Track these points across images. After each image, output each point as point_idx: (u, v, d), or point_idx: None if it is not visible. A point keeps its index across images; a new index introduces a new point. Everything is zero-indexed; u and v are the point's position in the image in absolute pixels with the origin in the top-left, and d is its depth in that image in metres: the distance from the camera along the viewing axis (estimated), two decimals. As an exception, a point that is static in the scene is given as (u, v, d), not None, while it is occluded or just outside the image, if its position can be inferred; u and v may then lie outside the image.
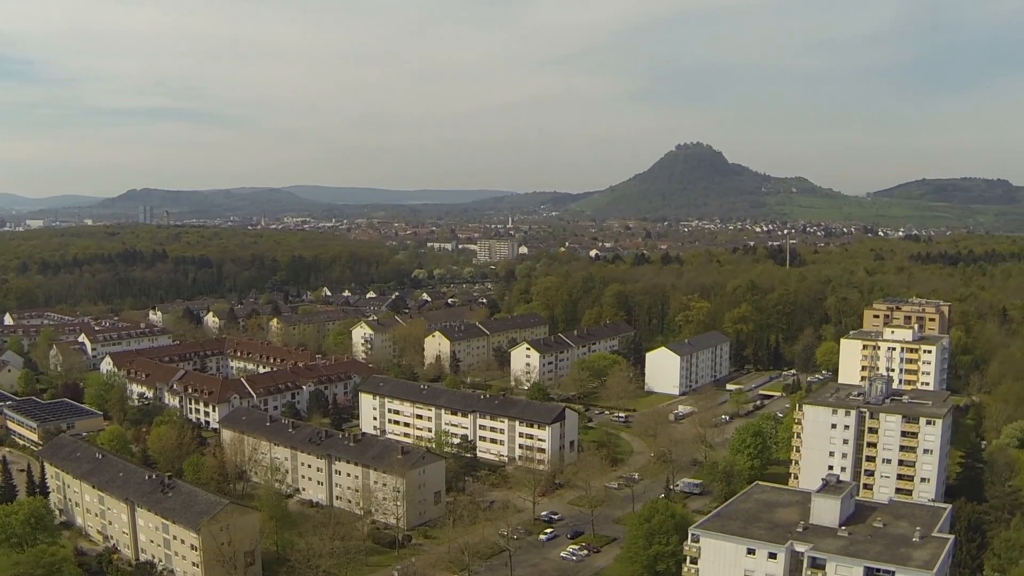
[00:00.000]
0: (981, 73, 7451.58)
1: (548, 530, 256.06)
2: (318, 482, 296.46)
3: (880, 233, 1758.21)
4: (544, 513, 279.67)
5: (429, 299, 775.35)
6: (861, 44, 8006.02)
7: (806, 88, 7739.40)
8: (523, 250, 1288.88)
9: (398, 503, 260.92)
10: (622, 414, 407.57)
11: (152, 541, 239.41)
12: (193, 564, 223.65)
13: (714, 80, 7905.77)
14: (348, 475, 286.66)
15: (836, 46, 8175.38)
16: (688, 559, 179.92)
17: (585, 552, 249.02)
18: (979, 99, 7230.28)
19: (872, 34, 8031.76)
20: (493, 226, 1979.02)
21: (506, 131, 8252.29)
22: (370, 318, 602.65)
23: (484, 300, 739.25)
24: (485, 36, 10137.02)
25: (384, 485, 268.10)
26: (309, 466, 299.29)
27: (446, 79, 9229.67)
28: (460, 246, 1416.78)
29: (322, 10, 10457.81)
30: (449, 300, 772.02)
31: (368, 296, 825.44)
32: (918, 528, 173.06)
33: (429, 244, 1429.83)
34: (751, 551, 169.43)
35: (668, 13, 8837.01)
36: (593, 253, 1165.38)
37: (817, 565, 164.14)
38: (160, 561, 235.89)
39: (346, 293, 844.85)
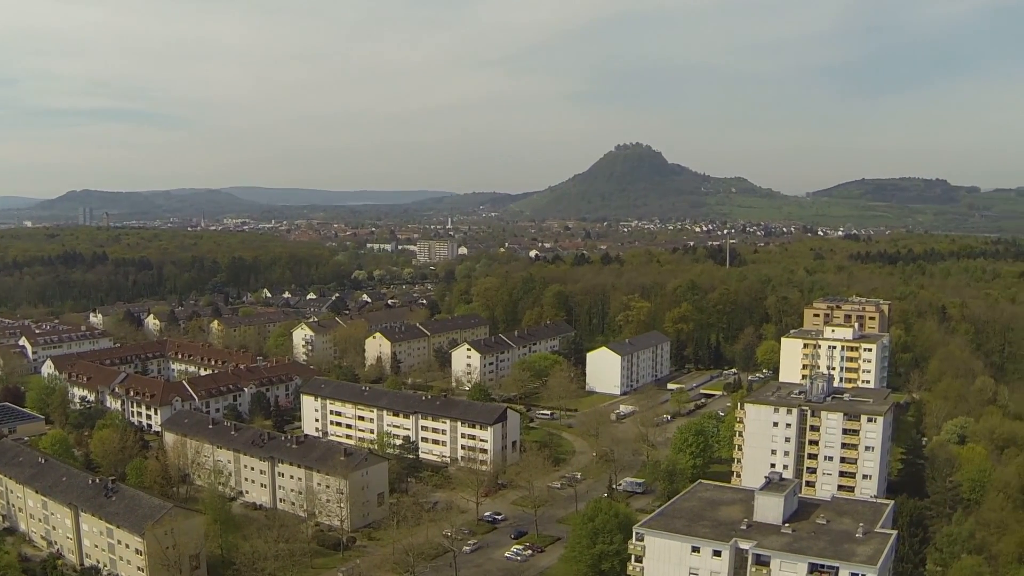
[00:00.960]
0: (920, 75, 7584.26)
1: (472, 541, 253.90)
2: (261, 484, 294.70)
3: (820, 232, 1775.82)
4: (487, 513, 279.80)
5: (369, 300, 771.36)
6: (801, 46, 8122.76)
7: (746, 89, 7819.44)
8: (463, 251, 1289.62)
9: (341, 505, 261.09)
10: (546, 411, 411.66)
11: (96, 546, 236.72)
12: (138, 568, 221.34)
13: (654, 81, 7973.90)
14: (291, 477, 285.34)
15: (776, 47, 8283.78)
16: (633, 557, 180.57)
17: (529, 552, 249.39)
18: (918, 100, 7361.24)
19: (812, 36, 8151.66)
20: (432, 227, 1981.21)
21: (446, 131, 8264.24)
22: (311, 319, 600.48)
23: (424, 301, 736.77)
24: (427, 36, 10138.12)
25: (327, 487, 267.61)
26: (252, 469, 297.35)
27: (387, 79, 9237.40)
28: (400, 247, 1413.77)
29: (266, 10, 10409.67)
30: (389, 301, 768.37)
31: (308, 297, 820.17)
32: (861, 524, 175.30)
33: (369, 245, 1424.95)
34: (696, 549, 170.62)
35: (609, 14, 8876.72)
36: (533, 253, 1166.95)
37: (762, 562, 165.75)
38: (105, 566, 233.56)
39: (286, 295, 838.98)
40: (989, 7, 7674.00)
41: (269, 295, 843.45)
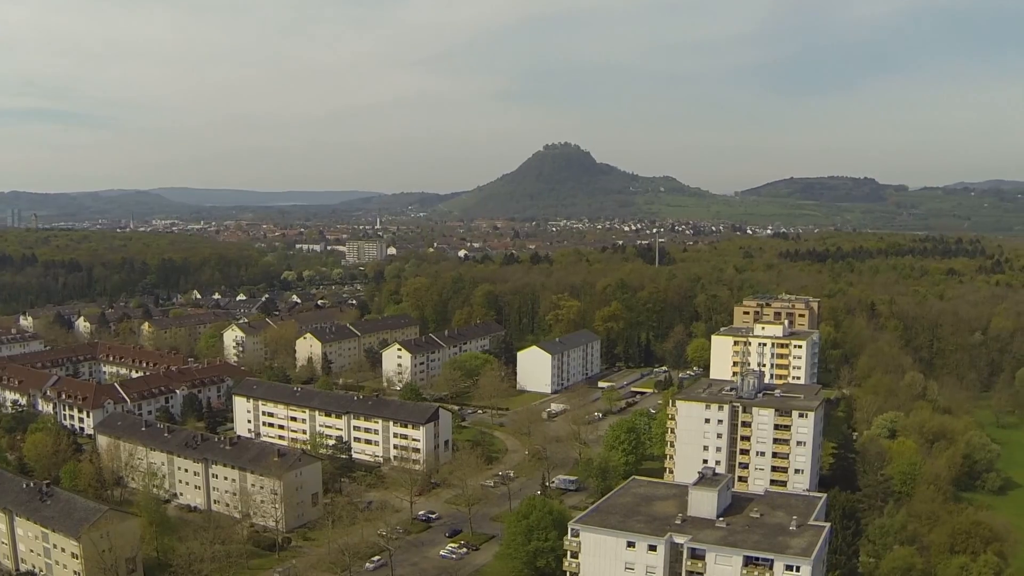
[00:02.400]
0: (848, 75, 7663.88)
1: (376, 557, 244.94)
2: (195, 486, 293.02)
3: (749, 231, 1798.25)
4: (422, 512, 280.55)
5: (299, 301, 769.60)
6: (730, 45, 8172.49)
7: (675, 88, 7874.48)
8: (391, 251, 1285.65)
9: (276, 505, 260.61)
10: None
11: (32, 550, 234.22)
12: (75, 572, 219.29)
13: (583, 80, 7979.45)
14: (225, 479, 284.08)
15: (705, 47, 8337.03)
16: (569, 554, 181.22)
17: (464, 550, 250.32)
18: (846, 100, 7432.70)
19: (741, 36, 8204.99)
20: (361, 227, 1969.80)
21: (375, 131, 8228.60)
22: (241, 321, 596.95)
23: (354, 301, 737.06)
24: (356, 36, 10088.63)
25: (261, 488, 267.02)
26: (186, 471, 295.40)
27: (316, 79, 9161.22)
28: (329, 247, 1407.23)
29: (195, 9, 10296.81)
30: (319, 302, 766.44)
31: (238, 298, 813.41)
32: (794, 517, 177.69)
33: (298, 246, 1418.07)
34: (631, 544, 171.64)
35: (539, 13, 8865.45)
36: (462, 253, 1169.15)
37: (697, 556, 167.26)
38: (41, 570, 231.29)
39: (216, 296, 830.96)
40: (915, 8, 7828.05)
41: (199, 296, 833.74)
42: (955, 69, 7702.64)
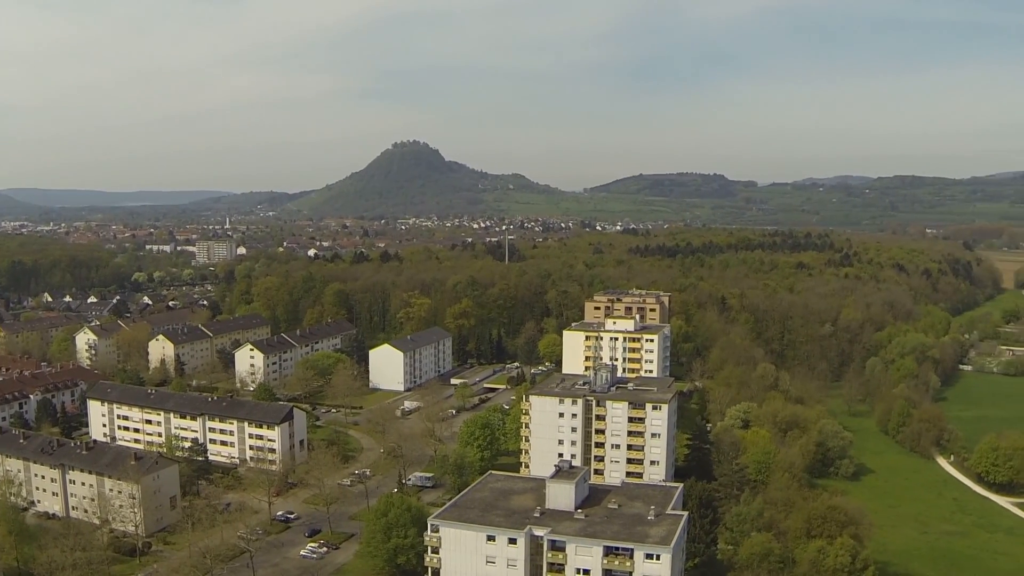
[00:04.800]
0: (699, 74, 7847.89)
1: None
2: (53, 493, 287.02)
3: (598, 227, 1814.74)
4: (280, 513, 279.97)
5: (150, 302, 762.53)
6: (581, 44, 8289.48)
7: (525, 87, 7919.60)
8: (241, 251, 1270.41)
9: (135, 510, 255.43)
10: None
11: None
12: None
13: (432, 78, 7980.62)
14: (83, 484, 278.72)
15: (556, 46, 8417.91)
16: (429, 549, 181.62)
17: (324, 549, 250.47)
18: (697, 98, 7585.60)
19: (591, 35, 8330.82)
20: (211, 227, 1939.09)
21: (224, 131, 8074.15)
22: (93, 323, 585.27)
23: (205, 302, 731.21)
24: (207, 34, 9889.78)
25: (120, 492, 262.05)
26: (43, 477, 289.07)
27: (164, 78, 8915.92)
28: (179, 248, 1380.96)
29: (44, 6, 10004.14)
30: (170, 303, 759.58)
31: (90, 301, 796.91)
32: (652, 507, 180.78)
33: (148, 246, 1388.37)
34: (491, 538, 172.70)
35: (389, 13, 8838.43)
36: (312, 252, 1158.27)
37: (557, 547, 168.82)
38: None
39: (68, 298, 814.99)
40: (764, 9, 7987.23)
41: (50, 299, 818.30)
42: (803, 68, 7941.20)
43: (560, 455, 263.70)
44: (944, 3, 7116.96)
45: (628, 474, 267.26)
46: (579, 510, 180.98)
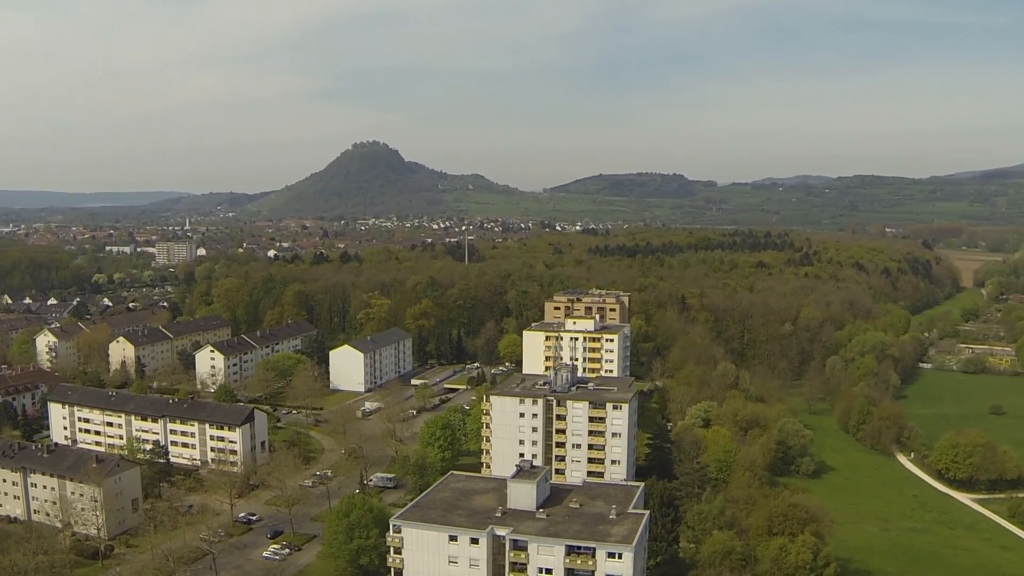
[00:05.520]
0: (657, 74, 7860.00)
1: None
2: (15, 496, 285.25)
3: (558, 227, 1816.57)
4: (242, 515, 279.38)
5: (111, 304, 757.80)
6: (541, 44, 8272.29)
7: (485, 87, 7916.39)
8: (201, 252, 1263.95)
9: (97, 513, 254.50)
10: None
11: None
12: None
13: (393, 79, 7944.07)
14: (45, 487, 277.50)
15: (516, 46, 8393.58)
16: (392, 550, 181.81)
17: (287, 551, 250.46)
18: (657, 98, 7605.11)
19: (552, 35, 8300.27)
20: (171, 228, 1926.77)
21: (185, 131, 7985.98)
22: (53, 325, 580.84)
23: (165, 304, 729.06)
24: (168, 35, 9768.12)
25: (81, 495, 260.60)
26: (4, 480, 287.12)
27: (125, 79, 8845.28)
28: (139, 249, 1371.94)
29: (3, 5, 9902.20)
30: (131, 304, 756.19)
31: (50, 303, 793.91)
32: (614, 506, 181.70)
33: (108, 248, 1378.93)
34: (453, 538, 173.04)
35: (350, 13, 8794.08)
36: (272, 253, 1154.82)
37: (519, 547, 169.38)
38: None
39: (27, 300, 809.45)
40: (724, 9, 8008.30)
41: (10, 301, 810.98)
42: (764, 69, 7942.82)
43: (521, 455, 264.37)
44: (905, 4, 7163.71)
45: (589, 473, 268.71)
46: (541, 510, 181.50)
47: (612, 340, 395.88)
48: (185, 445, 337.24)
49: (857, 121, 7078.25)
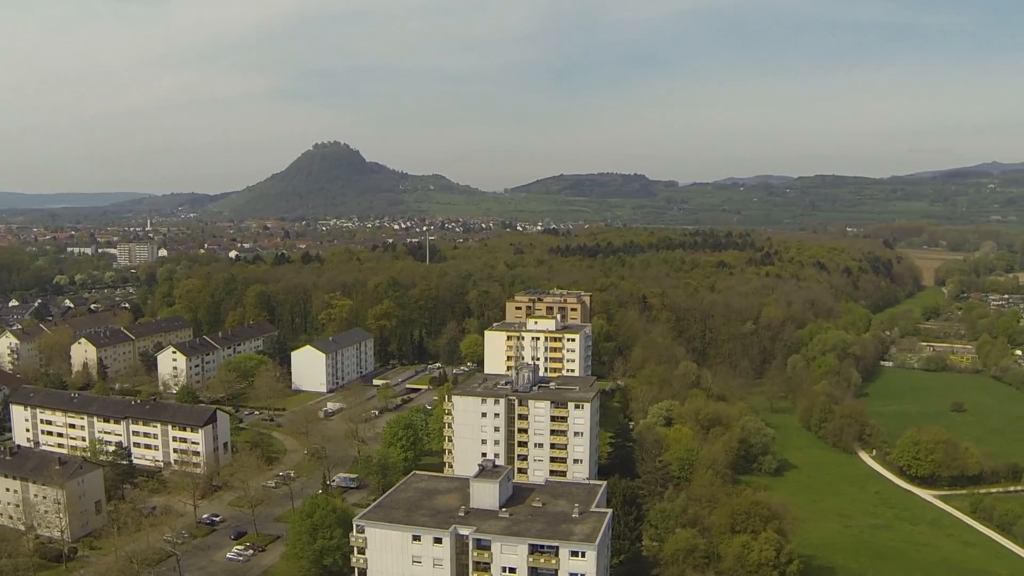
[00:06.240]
0: (621, 74, 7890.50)
1: None
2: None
3: (519, 228, 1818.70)
4: (206, 516, 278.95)
5: (72, 306, 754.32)
6: (502, 45, 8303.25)
7: (445, 87, 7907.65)
8: (163, 253, 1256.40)
9: (60, 515, 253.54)
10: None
11: None
12: None
13: (354, 80, 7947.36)
14: (7, 490, 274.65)
15: (477, 47, 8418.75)
16: (355, 550, 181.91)
17: (251, 552, 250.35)
18: (618, 99, 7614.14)
19: (513, 36, 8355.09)
20: (133, 229, 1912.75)
21: (146, 131, 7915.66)
22: (14, 327, 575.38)
23: (127, 305, 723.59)
24: (129, 35, 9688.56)
25: (44, 498, 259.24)
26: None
27: (87, 79, 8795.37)
28: (100, 250, 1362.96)
29: None
30: (92, 306, 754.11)
31: (11, 304, 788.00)
32: (576, 505, 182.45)
33: (69, 249, 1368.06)
34: (417, 537, 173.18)
35: (312, 13, 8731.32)
36: (233, 254, 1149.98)
37: (482, 546, 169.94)
38: None
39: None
40: (684, 10, 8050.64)
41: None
42: (725, 70, 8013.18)
43: (483, 455, 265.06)
44: (866, 5, 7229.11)
45: (552, 472, 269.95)
46: (503, 509, 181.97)
47: (573, 340, 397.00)
48: (148, 447, 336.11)
49: (819, 121, 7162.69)
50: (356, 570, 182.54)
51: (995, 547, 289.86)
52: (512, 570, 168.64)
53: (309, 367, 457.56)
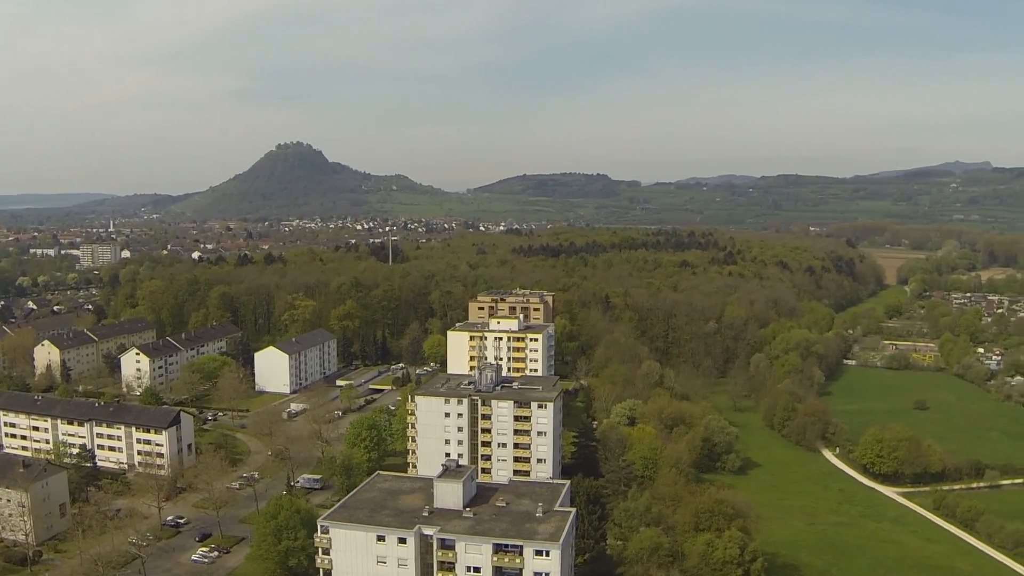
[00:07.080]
0: (584, 74, 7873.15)
1: None
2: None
3: (482, 228, 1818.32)
4: (170, 518, 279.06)
5: (35, 307, 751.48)
6: (464, 45, 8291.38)
7: (408, 87, 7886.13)
8: (126, 254, 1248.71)
9: (24, 518, 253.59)
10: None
11: None
12: None
13: (316, 78, 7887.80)
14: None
15: (439, 47, 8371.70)
16: (320, 551, 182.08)
17: (216, 554, 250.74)
18: (581, 99, 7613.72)
19: (476, 36, 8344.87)
20: (95, 230, 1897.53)
21: (108, 132, 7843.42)
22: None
23: (90, 306, 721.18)
24: (89, 34, 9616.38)
25: (8, 501, 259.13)
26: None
27: (47, 78, 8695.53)
28: (63, 251, 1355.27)
29: None
30: (55, 308, 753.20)
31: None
32: (540, 504, 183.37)
33: (32, 250, 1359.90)
34: (381, 538, 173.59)
35: (275, 12, 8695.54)
36: (196, 255, 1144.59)
37: (447, 546, 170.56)
38: None
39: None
40: (648, 10, 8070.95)
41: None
42: (687, 70, 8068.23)
43: (447, 455, 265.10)
44: (825, 5, 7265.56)
45: (515, 472, 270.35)
46: (468, 508, 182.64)
47: (536, 340, 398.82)
48: (112, 449, 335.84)
49: (781, 121, 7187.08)
50: (321, 571, 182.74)
51: (958, 543, 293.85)
52: (476, 569, 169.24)
53: (272, 368, 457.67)
